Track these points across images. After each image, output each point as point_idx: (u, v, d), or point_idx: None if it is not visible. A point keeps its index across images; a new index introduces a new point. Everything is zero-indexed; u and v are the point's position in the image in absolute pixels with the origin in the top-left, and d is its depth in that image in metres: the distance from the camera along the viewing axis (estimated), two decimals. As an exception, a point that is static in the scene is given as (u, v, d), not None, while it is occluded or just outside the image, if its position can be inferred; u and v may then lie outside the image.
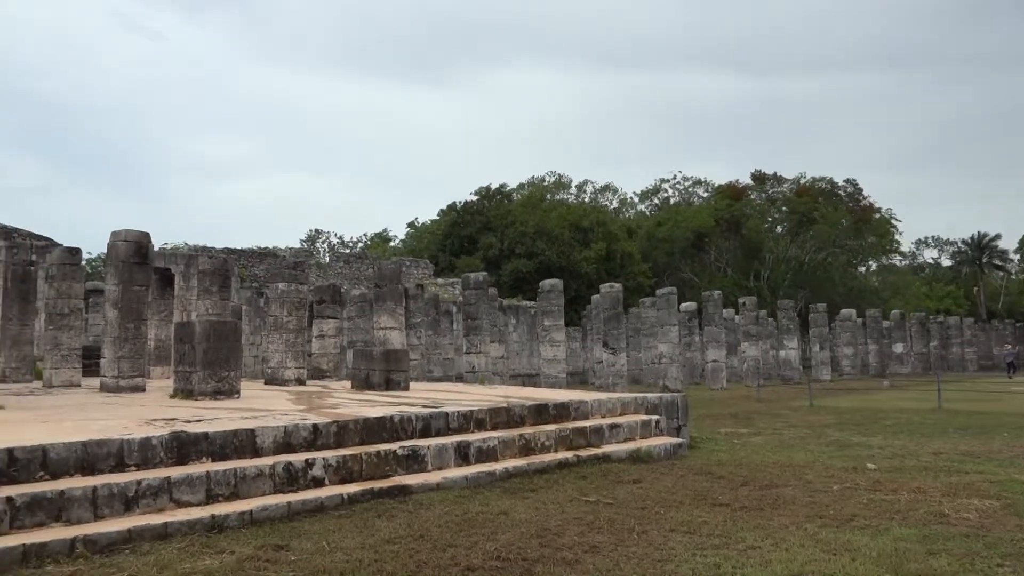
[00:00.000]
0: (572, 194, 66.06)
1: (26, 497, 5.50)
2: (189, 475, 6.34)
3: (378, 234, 68.62)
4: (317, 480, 7.09)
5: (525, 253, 45.45)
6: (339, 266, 37.05)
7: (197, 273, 19.03)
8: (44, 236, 23.55)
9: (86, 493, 5.77)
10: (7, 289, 15.79)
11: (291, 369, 15.16)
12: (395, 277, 18.00)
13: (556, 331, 22.84)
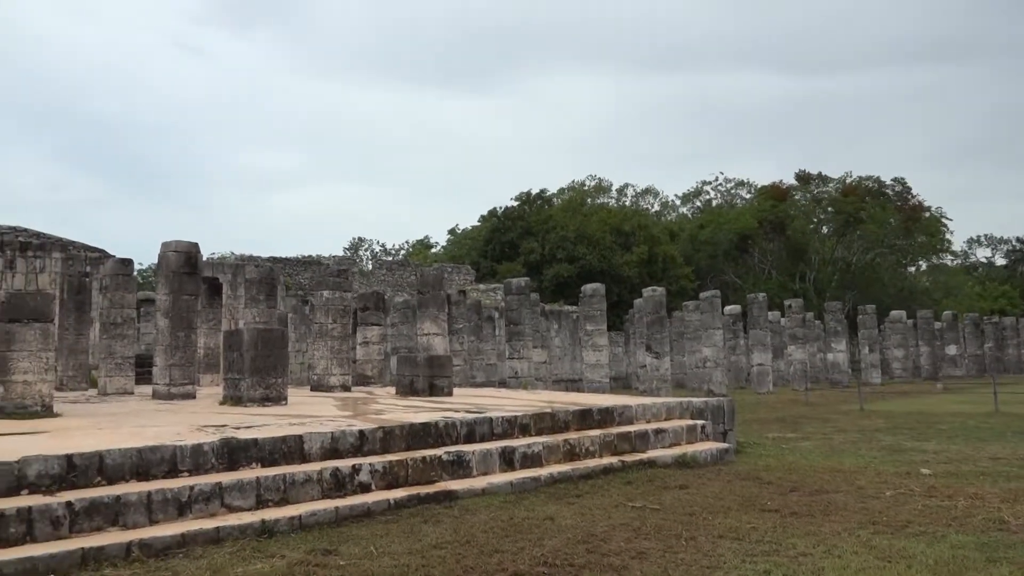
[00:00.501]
0: (613, 198, 65.88)
1: (85, 502, 5.65)
2: (240, 480, 6.46)
3: (419, 241, 69.19)
4: (364, 486, 7.16)
5: (566, 258, 45.38)
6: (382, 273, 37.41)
7: (244, 282, 19.39)
8: (97, 248, 24.22)
9: (141, 498, 5.91)
10: (63, 300, 16.25)
11: (336, 376, 15.34)
12: (437, 283, 18.12)
13: (599, 336, 22.75)
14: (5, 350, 9.15)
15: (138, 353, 17.79)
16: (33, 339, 9.29)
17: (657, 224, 57.38)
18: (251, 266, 20.16)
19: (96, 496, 5.76)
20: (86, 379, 16.55)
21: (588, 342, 22.97)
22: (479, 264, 47.65)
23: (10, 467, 5.74)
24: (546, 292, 41.01)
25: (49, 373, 9.62)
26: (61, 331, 16.20)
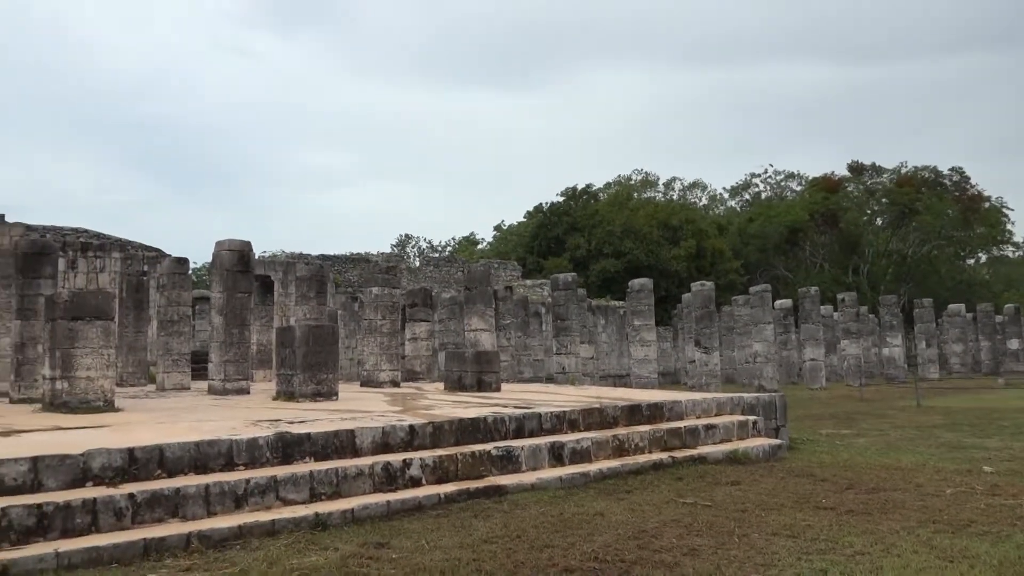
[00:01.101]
0: (659, 192, 65.23)
1: (146, 494, 5.81)
2: (294, 474, 6.57)
3: (465, 237, 69.47)
4: (414, 480, 7.22)
5: (613, 253, 45.13)
6: (429, 270, 37.70)
7: (295, 280, 19.74)
8: (154, 247, 24.88)
9: (200, 490, 6.06)
10: (123, 298, 16.74)
11: (386, 371, 15.51)
12: (484, 279, 18.18)
13: (646, 331, 22.59)
14: (69, 347, 9.46)
15: (194, 350, 18.24)
16: (95, 336, 9.58)
17: (705, 218, 56.65)
18: (301, 264, 20.50)
19: (157, 488, 5.92)
20: (145, 375, 17.02)
21: (635, 337, 22.82)
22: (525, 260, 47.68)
23: (76, 460, 5.94)
24: (592, 287, 40.86)
25: (110, 369, 9.92)
26: (121, 329, 16.68)
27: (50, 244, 12.39)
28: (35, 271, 11.68)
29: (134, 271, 18.44)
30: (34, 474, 5.75)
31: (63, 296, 9.71)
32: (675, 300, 37.47)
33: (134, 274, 17.91)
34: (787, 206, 58.05)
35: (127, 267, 21.56)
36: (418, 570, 5.07)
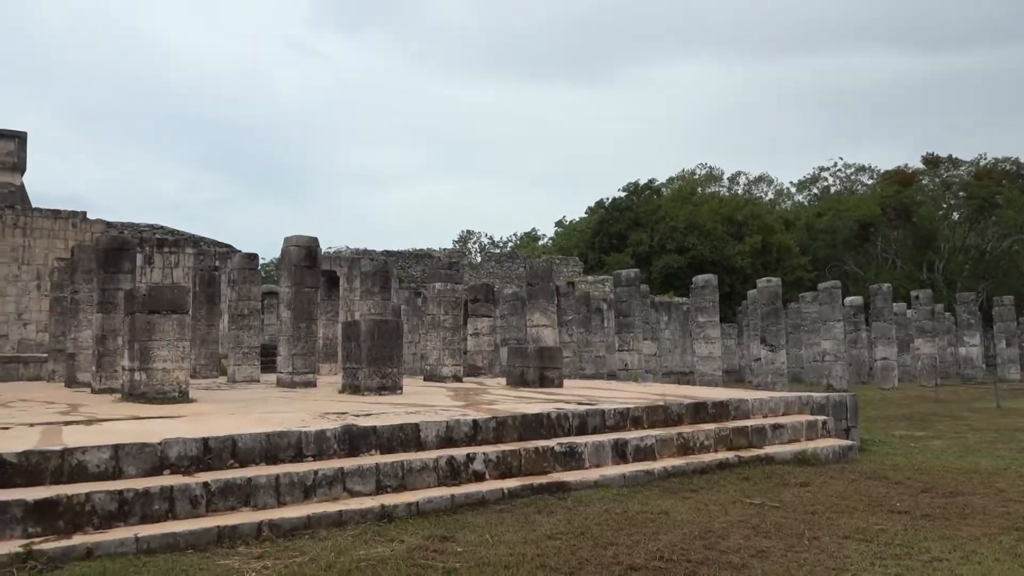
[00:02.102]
0: (724, 187, 64.14)
1: (220, 483, 5.99)
2: (360, 466, 6.68)
3: (527, 233, 69.52)
4: (478, 474, 7.26)
5: (676, 248, 44.54)
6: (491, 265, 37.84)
7: (360, 275, 20.05)
8: (226, 243, 25.59)
9: (270, 480, 6.21)
10: (196, 293, 17.27)
11: (448, 366, 15.63)
12: (546, 275, 18.15)
13: (711, 328, 22.21)
14: (147, 339, 9.81)
15: (263, 343, 18.72)
16: (171, 329, 9.92)
17: (771, 213, 55.40)
18: (366, 259, 20.80)
19: (230, 478, 6.09)
20: (216, 367, 17.54)
21: (699, 334, 22.46)
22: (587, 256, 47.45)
23: (154, 448, 6.16)
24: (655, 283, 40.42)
25: (185, 361, 10.25)
26: (194, 322, 17.22)
27: (128, 240, 12.85)
28: (115, 266, 12.13)
29: (206, 266, 19.01)
30: (115, 461, 5.99)
31: (141, 290, 10.07)
32: (740, 297, 36.79)
33: (206, 269, 18.47)
34: (858, 200, 56.32)
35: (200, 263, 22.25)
36: (483, 564, 5.09)
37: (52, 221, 22.22)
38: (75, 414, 8.55)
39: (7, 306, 21.25)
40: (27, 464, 5.68)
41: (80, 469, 5.83)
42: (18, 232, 21.60)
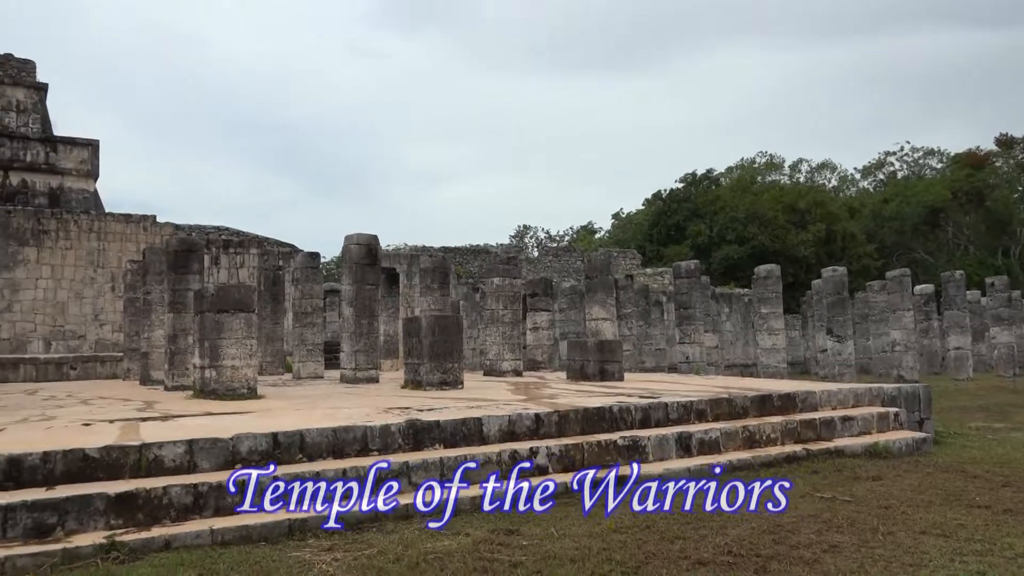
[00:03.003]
0: (785, 175, 62.74)
1: (289, 476, 6.12)
2: (424, 460, 6.75)
3: (584, 227, 69.24)
4: (541, 468, 7.26)
5: (736, 239, 43.81)
6: (548, 260, 37.80)
7: (419, 271, 20.24)
8: (288, 243, 26.14)
9: (337, 474, 6.32)
10: (261, 292, 17.69)
11: (508, 361, 15.68)
12: (605, 268, 18.04)
13: (774, 319, 21.76)
14: (216, 338, 10.09)
15: (326, 340, 19.07)
16: (239, 327, 10.18)
17: (835, 200, 54.00)
18: (425, 256, 20.99)
19: (299, 471, 6.22)
20: (282, 364, 17.94)
21: (763, 326, 22.03)
22: (644, 248, 47.04)
23: (226, 443, 6.33)
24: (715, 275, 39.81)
25: (253, 358, 10.51)
26: (260, 320, 17.64)
27: (196, 242, 13.23)
28: (184, 267, 12.51)
29: (270, 266, 19.44)
30: (189, 456, 6.18)
31: (210, 290, 10.36)
32: (803, 287, 35.98)
33: (270, 269, 18.89)
34: (926, 185, 54.45)
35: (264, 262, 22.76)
36: (548, 557, 5.09)
37: (124, 225, 23.03)
38: (150, 411, 8.85)
39: (84, 307, 22.12)
40: (108, 459, 5.90)
41: (157, 463, 6.03)
42: (93, 236, 22.46)
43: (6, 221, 21.49)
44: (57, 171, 24.53)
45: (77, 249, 22.21)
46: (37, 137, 24.52)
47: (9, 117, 24.50)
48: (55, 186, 24.43)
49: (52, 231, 22.01)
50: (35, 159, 24.25)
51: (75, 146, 24.99)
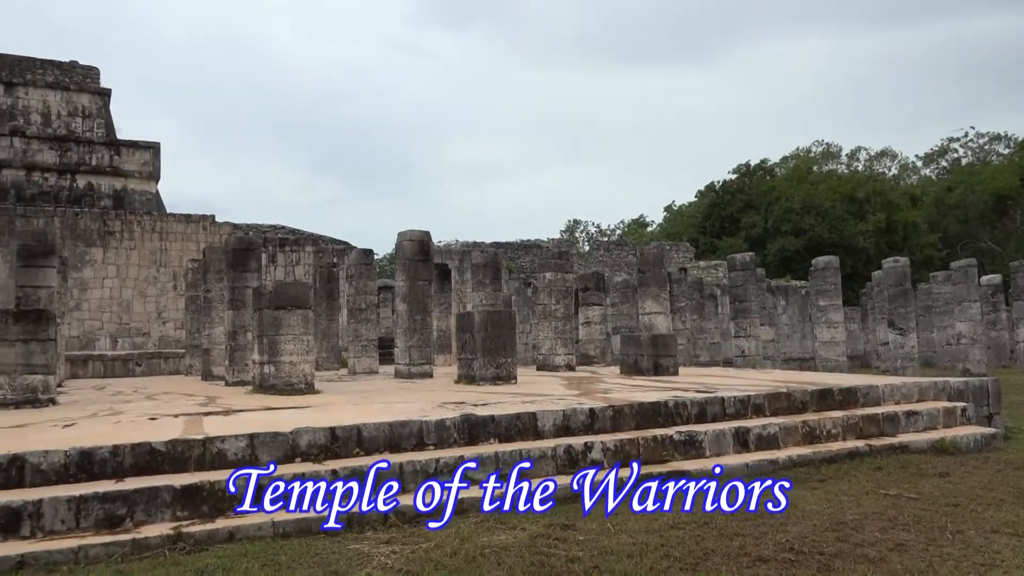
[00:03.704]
0: (843, 164, 61.11)
1: (347, 470, 6.21)
2: (480, 455, 6.77)
3: (635, 220, 68.67)
4: (596, 463, 7.23)
5: (792, 230, 42.91)
6: (599, 254, 37.60)
7: (471, 267, 20.32)
8: (342, 240, 26.53)
9: (394, 468, 6.38)
10: (316, 289, 17.98)
11: (561, 355, 15.65)
12: (658, 261, 17.84)
13: (833, 311, 21.24)
14: (274, 334, 10.29)
15: (380, 336, 19.29)
16: (296, 324, 10.36)
17: (895, 189, 52.35)
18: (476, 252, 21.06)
19: (356, 465, 6.30)
20: (337, 359, 18.22)
21: (821, 318, 21.53)
22: (697, 241, 46.41)
23: (286, 437, 6.46)
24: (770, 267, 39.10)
25: (310, 354, 10.69)
26: (315, 316, 17.93)
27: (254, 240, 13.51)
28: (243, 265, 12.79)
29: (325, 263, 19.75)
30: (251, 449, 6.31)
31: (268, 288, 10.57)
32: (863, 278, 35.09)
33: (325, 266, 19.19)
34: (993, 172, 52.44)
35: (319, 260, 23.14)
36: (605, 553, 5.06)
37: (185, 225, 23.67)
38: (213, 405, 9.08)
39: (148, 305, 22.81)
40: (173, 452, 6.07)
41: (220, 456, 6.18)
42: (155, 236, 23.13)
43: (74, 223, 22.27)
44: (121, 173, 25.33)
45: (140, 249, 22.90)
46: (102, 141, 25.33)
47: (75, 122, 25.37)
48: (119, 188, 25.22)
49: (117, 232, 22.75)
50: (100, 162, 25.07)
51: (137, 149, 25.75)
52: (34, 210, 22.07)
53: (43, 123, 24.98)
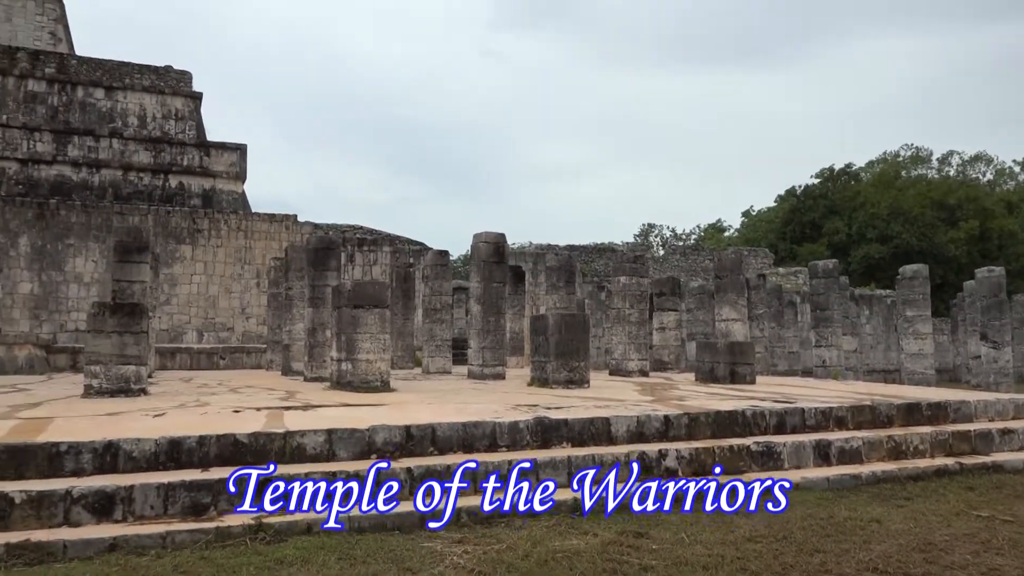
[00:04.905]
0: (933, 168, 58.66)
1: (421, 469, 6.28)
2: (553, 458, 6.75)
3: (712, 225, 67.46)
4: (670, 471, 7.12)
5: (877, 237, 41.43)
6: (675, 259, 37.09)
7: (545, 270, 20.34)
8: (418, 241, 26.90)
9: (467, 468, 6.42)
10: (393, 288, 18.28)
11: (634, 361, 15.49)
12: (736, 267, 17.48)
13: (921, 322, 20.40)
14: (352, 332, 10.51)
15: (453, 336, 19.48)
16: (373, 323, 10.55)
17: (990, 195, 49.96)
18: (551, 254, 21.07)
19: (430, 464, 6.37)
20: (412, 359, 18.48)
21: (908, 329, 20.70)
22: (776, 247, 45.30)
23: (363, 434, 6.58)
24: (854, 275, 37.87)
25: (386, 353, 10.87)
26: (392, 315, 18.23)
27: (334, 240, 13.83)
28: (323, 264, 13.10)
29: (402, 263, 20.07)
30: (329, 445, 6.46)
31: (347, 286, 10.80)
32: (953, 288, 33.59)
33: (402, 266, 19.50)
34: (1098, 178, 49.54)
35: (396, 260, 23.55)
36: (679, 563, 4.97)
37: (268, 224, 24.42)
38: (292, 400, 9.32)
39: (232, 301, 23.62)
40: (256, 444, 6.26)
41: (299, 450, 6.34)
42: (240, 235, 23.95)
43: (166, 221, 23.26)
44: (210, 174, 26.32)
45: (227, 247, 23.75)
46: (192, 142, 26.38)
47: (169, 124, 26.50)
48: (208, 188, 26.20)
49: (205, 230, 23.64)
50: (191, 163, 26.11)
51: (225, 150, 26.70)
52: (129, 208, 23.15)
53: (139, 125, 26.17)
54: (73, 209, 22.50)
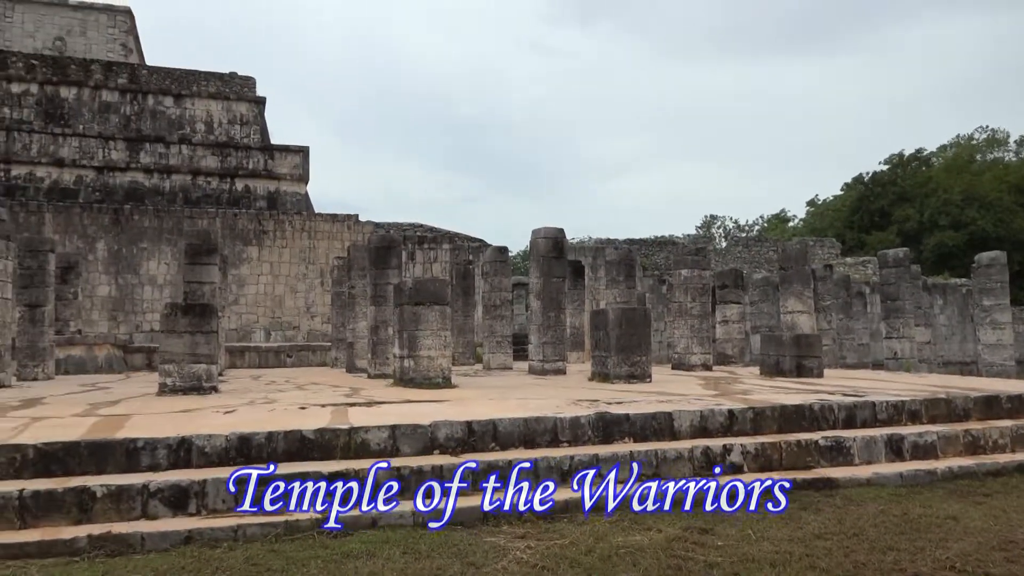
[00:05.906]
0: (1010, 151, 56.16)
1: (484, 464, 6.32)
2: (614, 453, 6.71)
3: (775, 215, 66.01)
4: (735, 466, 7.00)
5: (951, 224, 39.94)
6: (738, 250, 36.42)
7: (604, 264, 20.22)
8: (477, 238, 27.06)
9: (529, 464, 6.43)
10: (453, 285, 18.42)
11: (697, 355, 15.28)
12: (801, 258, 17.06)
13: (999, 312, 19.59)
14: (413, 329, 10.63)
15: (513, 332, 19.53)
16: (434, 320, 10.65)
17: (1074, 178, 47.61)
18: (610, 248, 20.92)
19: (492, 459, 6.40)
20: (472, 355, 18.60)
21: (985, 319, 19.90)
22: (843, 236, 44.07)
23: (425, 430, 6.66)
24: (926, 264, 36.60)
25: (447, 349, 10.96)
26: (452, 312, 18.38)
27: (395, 238, 14.00)
28: (384, 262, 13.29)
29: (461, 260, 20.20)
30: (392, 440, 6.55)
31: (408, 284, 10.92)
32: (1034, 276, 32.14)
33: (462, 263, 19.63)
34: None
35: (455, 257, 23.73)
36: (746, 560, 4.89)
37: (331, 224, 24.89)
38: (356, 397, 9.49)
39: (298, 300, 24.17)
40: (322, 440, 6.39)
41: (363, 446, 6.45)
42: (304, 235, 24.47)
43: (233, 223, 23.92)
44: (274, 176, 26.96)
45: (291, 247, 24.30)
46: (257, 146, 27.06)
47: (234, 129, 27.23)
48: (272, 190, 26.84)
49: (270, 231, 24.24)
50: (256, 166, 26.79)
51: (289, 153, 27.31)
52: (198, 212, 23.88)
53: (206, 131, 26.96)
54: (146, 214, 23.34)
